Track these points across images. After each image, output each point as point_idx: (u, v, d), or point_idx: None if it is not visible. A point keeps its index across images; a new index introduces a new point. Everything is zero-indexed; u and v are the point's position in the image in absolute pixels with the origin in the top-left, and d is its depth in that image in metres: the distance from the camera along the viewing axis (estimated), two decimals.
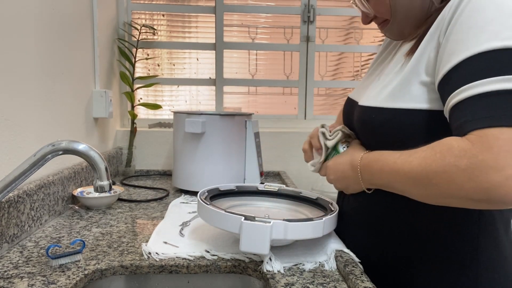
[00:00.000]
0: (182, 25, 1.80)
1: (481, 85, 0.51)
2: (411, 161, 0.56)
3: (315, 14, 1.78)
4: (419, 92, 0.62)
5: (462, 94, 0.52)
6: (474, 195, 0.49)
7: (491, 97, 0.50)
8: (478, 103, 0.51)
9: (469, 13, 0.55)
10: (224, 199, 0.92)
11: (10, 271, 0.68)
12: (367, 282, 0.63)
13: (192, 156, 1.25)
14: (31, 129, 0.92)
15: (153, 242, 0.81)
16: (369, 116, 0.69)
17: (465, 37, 0.54)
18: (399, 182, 0.60)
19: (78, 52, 1.22)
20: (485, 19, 0.53)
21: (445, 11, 0.59)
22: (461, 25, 0.55)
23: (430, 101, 0.61)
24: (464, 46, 0.54)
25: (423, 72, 0.62)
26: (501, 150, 0.47)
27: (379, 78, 0.75)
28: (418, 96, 0.62)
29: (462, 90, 0.53)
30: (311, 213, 0.87)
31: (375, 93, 0.70)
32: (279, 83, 1.84)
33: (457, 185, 0.50)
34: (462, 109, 0.52)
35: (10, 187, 0.67)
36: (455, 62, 0.54)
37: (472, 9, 0.55)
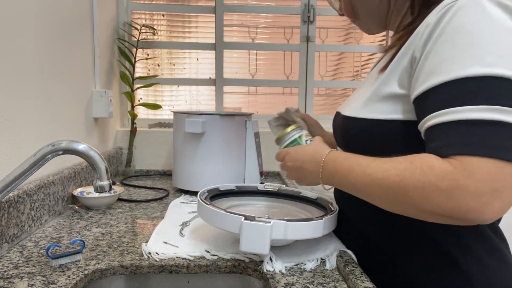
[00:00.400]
0: (182, 25, 1.80)
1: (460, 112, 0.52)
2: (387, 169, 0.57)
3: (315, 14, 1.78)
4: (391, 103, 0.64)
5: (442, 117, 0.54)
6: (449, 213, 0.52)
7: (474, 125, 0.51)
8: (458, 129, 0.52)
9: (451, 33, 0.55)
10: (224, 199, 0.92)
11: (10, 271, 0.68)
12: (367, 282, 0.63)
13: (192, 156, 1.25)
14: (31, 129, 0.92)
15: (153, 242, 0.81)
16: (347, 125, 0.72)
17: (446, 58, 0.55)
18: (368, 186, 0.60)
19: (78, 52, 1.22)
20: (467, 42, 0.53)
21: (422, 27, 0.60)
22: (442, 45, 0.56)
23: (403, 112, 0.63)
24: (445, 68, 0.54)
25: (396, 85, 0.63)
26: (481, 179, 0.49)
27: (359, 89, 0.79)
28: (390, 107, 0.64)
29: (442, 113, 0.54)
30: (311, 213, 0.87)
31: (353, 103, 0.73)
32: (279, 83, 1.84)
33: (434, 203, 0.52)
34: (441, 131, 0.54)
35: (10, 187, 0.67)
36: (433, 84, 0.55)
37: (454, 30, 0.55)
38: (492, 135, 0.50)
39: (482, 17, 0.54)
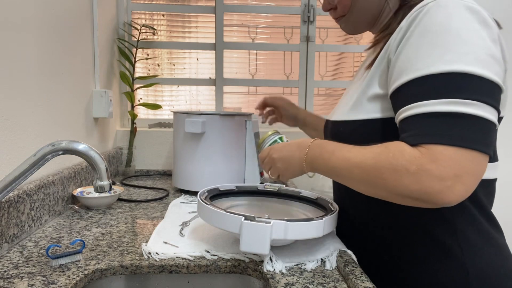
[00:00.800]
0: (182, 25, 1.80)
1: (424, 105, 0.59)
2: (365, 153, 0.63)
3: (315, 14, 1.78)
4: (374, 103, 0.70)
5: (410, 111, 0.60)
6: (415, 195, 0.57)
7: (438, 117, 0.57)
8: (423, 121, 0.59)
9: (418, 34, 0.62)
10: (224, 199, 0.92)
11: (10, 271, 0.68)
12: (367, 282, 0.63)
13: (192, 156, 1.25)
14: (31, 129, 0.92)
15: (153, 242, 0.81)
16: (337, 129, 0.77)
17: (413, 57, 0.61)
18: (347, 169, 0.66)
19: (78, 52, 1.22)
20: (431, 42, 0.60)
21: (395, 32, 0.67)
22: (410, 46, 0.62)
23: (382, 111, 0.69)
24: (413, 66, 0.61)
25: (376, 85, 0.70)
26: (444, 165, 0.55)
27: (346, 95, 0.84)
28: (373, 107, 0.70)
29: (410, 107, 0.60)
30: (311, 213, 0.87)
31: (341, 108, 0.79)
32: (279, 83, 1.84)
33: (404, 184, 0.58)
34: (409, 123, 0.60)
35: (10, 187, 0.67)
36: (405, 80, 0.61)
37: (421, 31, 0.61)
38: (454, 125, 0.56)
39: (446, 19, 0.60)
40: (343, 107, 0.78)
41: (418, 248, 0.70)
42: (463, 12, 0.60)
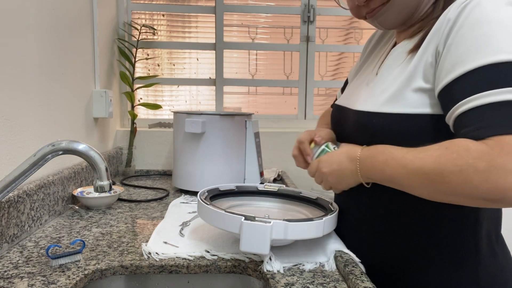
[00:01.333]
0: (182, 25, 1.80)
1: (492, 95, 0.53)
2: (423, 158, 0.57)
3: (315, 14, 1.78)
4: (417, 98, 0.64)
5: (473, 102, 0.55)
6: (489, 196, 0.51)
7: (504, 106, 0.52)
8: (492, 112, 0.53)
9: (471, 25, 0.57)
10: (224, 199, 0.92)
11: (10, 271, 0.68)
12: (367, 282, 0.63)
13: (192, 156, 1.25)
14: (31, 129, 0.92)
15: (153, 242, 0.81)
16: (368, 121, 0.69)
17: (468, 49, 0.56)
18: (406, 177, 0.60)
19: (78, 52, 1.22)
20: (487, 33, 0.55)
21: (443, 22, 0.61)
22: (463, 37, 0.57)
23: (429, 106, 0.63)
24: (469, 58, 0.56)
25: (421, 79, 0.64)
26: None
27: (368, 84, 0.76)
28: (416, 101, 0.64)
29: (472, 99, 0.55)
30: (311, 213, 0.87)
31: (372, 97, 0.71)
32: (279, 83, 1.84)
33: (473, 185, 0.52)
34: (473, 116, 0.55)
35: (10, 187, 0.67)
36: (459, 73, 0.56)
37: (473, 22, 0.57)
38: None
39: (498, 11, 0.56)
40: (374, 97, 0.70)
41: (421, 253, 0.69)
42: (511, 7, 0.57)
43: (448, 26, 0.60)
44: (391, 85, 0.68)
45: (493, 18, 0.56)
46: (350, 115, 0.76)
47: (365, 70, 0.84)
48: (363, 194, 0.74)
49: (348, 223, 0.80)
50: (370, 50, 0.89)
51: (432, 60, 0.63)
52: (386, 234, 0.73)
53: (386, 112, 0.66)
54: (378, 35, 0.89)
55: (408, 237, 0.70)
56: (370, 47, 0.89)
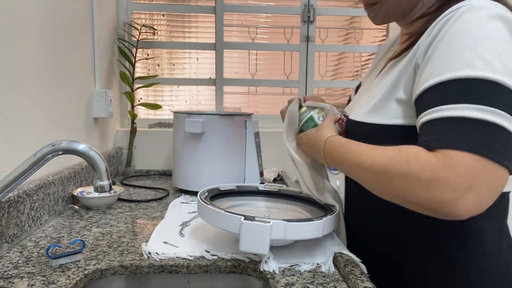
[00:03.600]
0: (182, 25, 1.80)
1: (451, 109, 0.55)
2: (376, 157, 0.60)
3: (315, 14, 1.78)
4: (397, 109, 0.67)
5: (434, 114, 0.56)
6: (425, 204, 0.54)
7: (462, 122, 0.53)
8: (447, 125, 0.55)
9: (448, 39, 0.59)
10: (224, 199, 0.92)
11: (10, 271, 0.68)
12: (367, 282, 0.63)
13: (192, 156, 1.25)
14: (31, 129, 0.92)
15: (153, 242, 0.81)
16: (354, 130, 0.75)
17: (442, 61, 0.58)
18: (357, 172, 0.64)
19: (78, 52, 1.22)
20: (460, 47, 0.57)
21: (425, 36, 0.63)
22: (440, 51, 0.59)
23: (406, 117, 0.65)
24: (440, 70, 0.58)
25: (401, 91, 0.66)
26: (460, 174, 0.51)
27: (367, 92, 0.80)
28: (395, 112, 0.67)
29: (434, 111, 0.56)
30: (311, 213, 0.87)
31: (360, 108, 0.76)
32: (279, 83, 1.84)
33: (414, 191, 0.54)
34: (432, 126, 0.57)
35: (10, 187, 0.67)
36: (431, 83, 0.58)
37: (450, 36, 0.58)
38: (479, 132, 0.52)
39: (478, 25, 0.57)
40: (362, 107, 0.74)
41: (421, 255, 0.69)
42: (495, 20, 0.57)
43: (429, 39, 0.62)
44: (377, 95, 0.71)
45: (472, 32, 0.57)
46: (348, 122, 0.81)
47: (369, 78, 0.88)
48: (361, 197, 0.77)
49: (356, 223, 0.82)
50: (379, 58, 0.91)
51: (411, 72, 0.65)
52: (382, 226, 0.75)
53: (368, 122, 0.71)
54: (388, 42, 0.92)
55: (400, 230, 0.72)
56: (380, 54, 0.92)
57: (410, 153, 0.56)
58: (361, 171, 0.63)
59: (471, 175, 0.51)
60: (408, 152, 0.56)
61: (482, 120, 0.52)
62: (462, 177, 0.51)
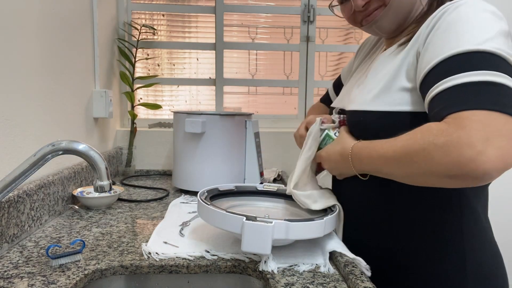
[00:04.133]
0: (182, 25, 1.80)
1: (454, 79, 0.58)
2: (395, 144, 0.62)
3: (315, 14, 1.78)
4: (400, 96, 0.69)
5: (438, 87, 0.59)
6: (450, 171, 0.54)
7: (463, 87, 0.57)
8: (453, 93, 0.57)
9: (445, 27, 0.63)
10: (223, 199, 0.92)
11: (10, 271, 0.68)
12: (367, 282, 0.63)
13: (192, 156, 1.25)
14: (31, 129, 0.92)
15: (153, 242, 0.81)
16: (358, 118, 0.75)
17: (441, 45, 0.62)
18: (385, 165, 0.65)
19: (78, 52, 1.22)
20: (460, 30, 0.61)
21: (424, 26, 0.68)
22: (438, 37, 0.63)
23: (411, 104, 0.68)
24: (440, 52, 0.61)
25: (404, 78, 0.69)
26: (472, 129, 0.52)
27: (358, 86, 0.82)
28: (399, 99, 0.69)
29: (438, 85, 0.59)
30: (310, 213, 0.86)
31: (360, 97, 0.77)
32: (279, 83, 1.84)
33: (435, 161, 0.55)
34: (438, 99, 0.59)
35: (10, 187, 0.67)
36: (432, 64, 0.62)
37: (449, 23, 0.63)
38: (486, 91, 0.55)
39: (474, 14, 0.62)
40: (363, 96, 0.76)
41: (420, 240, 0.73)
42: (487, 13, 0.62)
43: (428, 29, 0.66)
44: (378, 84, 0.73)
45: (467, 19, 0.61)
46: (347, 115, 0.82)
47: (357, 73, 0.91)
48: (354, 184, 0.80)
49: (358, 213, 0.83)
50: (363, 55, 0.96)
51: (413, 60, 0.68)
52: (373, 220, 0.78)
53: (372, 110, 0.72)
54: (372, 41, 0.96)
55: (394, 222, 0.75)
56: (363, 51, 0.96)
57: (423, 128, 0.58)
58: (387, 163, 0.64)
59: (484, 128, 0.52)
60: (421, 128, 0.58)
61: (487, 81, 0.55)
62: (476, 131, 0.52)
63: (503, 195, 1.83)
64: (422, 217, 0.72)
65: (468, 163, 0.51)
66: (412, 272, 0.74)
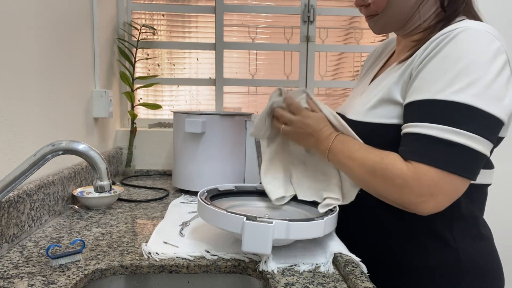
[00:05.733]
0: (182, 25, 1.80)
1: (426, 127, 0.65)
2: (366, 159, 0.71)
3: (315, 14, 1.78)
4: (393, 109, 0.74)
5: (412, 128, 0.68)
6: (397, 202, 0.69)
7: (430, 140, 0.65)
8: (421, 141, 0.66)
9: (438, 58, 0.67)
10: (223, 199, 0.92)
11: (10, 271, 0.68)
12: (367, 282, 0.63)
13: (192, 156, 1.25)
14: (31, 129, 0.92)
15: (153, 242, 0.81)
16: (354, 128, 0.79)
17: (428, 78, 0.67)
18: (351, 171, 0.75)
19: (78, 52, 1.22)
20: (446, 68, 0.65)
21: (421, 50, 0.71)
22: (429, 67, 0.68)
23: (398, 117, 0.74)
24: (425, 87, 0.67)
25: (398, 94, 0.74)
26: (424, 184, 0.64)
27: (361, 94, 0.87)
28: (391, 112, 0.74)
29: (413, 125, 0.67)
30: (310, 213, 0.86)
31: (359, 108, 0.82)
32: (279, 83, 1.84)
33: (390, 193, 0.69)
34: (409, 139, 0.68)
35: (10, 187, 0.67)
36: (416, 98, 0.68)
37: (441, 56, 0.67)
38: (444, 150, 0.64)
39: (466, 49, 0.65)
40: (361, 107, 0.81)
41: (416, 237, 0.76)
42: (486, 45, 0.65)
43: (424, 54, 0.70)
44: (375, 96, 0.78)
45: (458, 55, 0.65)
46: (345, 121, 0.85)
47: (363, 80, 0.95)
48: None
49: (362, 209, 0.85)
50: (369, 64, 0.98)
51: (407, 79, 0.73)
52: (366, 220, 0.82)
53: (366, 121, 0.78)
54: (378, 51, 0.99)
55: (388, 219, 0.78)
56: (370, 60, 0.99)
57: (390, 161, 0.68)
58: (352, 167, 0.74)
59: (432, 186, 0.64)
60: (389, 160, 0.68)
61: (449, 141, 0.63)
62: (425, 187, 0.64)
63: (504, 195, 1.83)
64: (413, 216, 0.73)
65: (411, 205, 0.66)
66: (407, 269, 0.76)
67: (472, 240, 0.75)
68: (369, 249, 0.81)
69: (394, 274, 0.78)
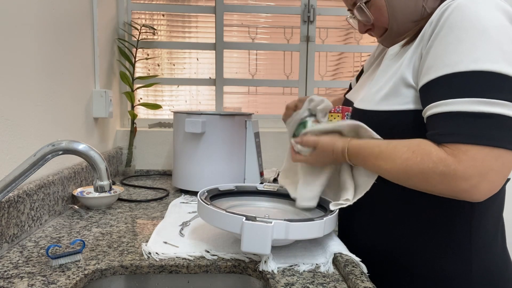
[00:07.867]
0: (182, 25, 1.80)
1: (454, 103, 0.60)
2: (393, 160, 0.65)
3: (315, 14, 1.78)
4: (408, 94, 0.69)
5: (437, 108, 0.61)
6: (445, 193, 0.61)
7: (464, 116, 0.59)
8: (452, 120, 0.60)
9: (447, 29, 0.62)
10: (223, 199, 0.92)
11: (10, 271, 0.68)
12: (367, 282, 0.63)
13: (192, 156, 1.25)
14: (31, 129, 0.92)
15: (153, 242, 0.81)
16: (364, 119, 0.75)
17: (441, 53, 0.62)
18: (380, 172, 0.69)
19: (78, 52, 1.22)
20: (459, 38, 0.60)
21: (427, 25, 0.67)
22: (439, 41, 0.63)
23: (418, 102, 0.68)
24: (441, 63, 0.62)
25: (410, 78, 0.69)
26: (468, 164, 0.57)
27: (371, 82, 0.81)
28: (407, 97, 0.69)
29: (438, 105, 0.61)
30: (310, 213, 0.87)
31: (369, 96, 0.76)
32: (279, 83, 1.84)
33: (432, 184, 0.61)
34: (436, 121, 0.62)
35: (10, 187, 0.67)
36: (433, 76, 0.63)
37: (450, 26, 0.62)
38: (479, 125, 0.58)
39: (475, 15, 0.60)
40: (372, 96, 0.75)
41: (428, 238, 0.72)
42: (493, 10, 0.60)
43: (430, 29, 0.65)
44: (386, 84, 0.73)
45: (468, 23, 0.60)
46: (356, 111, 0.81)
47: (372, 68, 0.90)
48: None
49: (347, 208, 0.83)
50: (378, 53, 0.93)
51: (418, 61, 0.68)
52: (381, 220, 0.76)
53: (379, 110, 0.73)
54: None
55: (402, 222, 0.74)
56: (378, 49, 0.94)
57: (423, 151, 0.61)
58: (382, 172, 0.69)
59: (478, 164, 0.57)
60: (421, 151, 0.62)
61: (483, 113, 0.57)
62: (471, 167, 0.57)
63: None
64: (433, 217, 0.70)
65: (463, 192, 0.59)
66: (417, 273, 0.72)
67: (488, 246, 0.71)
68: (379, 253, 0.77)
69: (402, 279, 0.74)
